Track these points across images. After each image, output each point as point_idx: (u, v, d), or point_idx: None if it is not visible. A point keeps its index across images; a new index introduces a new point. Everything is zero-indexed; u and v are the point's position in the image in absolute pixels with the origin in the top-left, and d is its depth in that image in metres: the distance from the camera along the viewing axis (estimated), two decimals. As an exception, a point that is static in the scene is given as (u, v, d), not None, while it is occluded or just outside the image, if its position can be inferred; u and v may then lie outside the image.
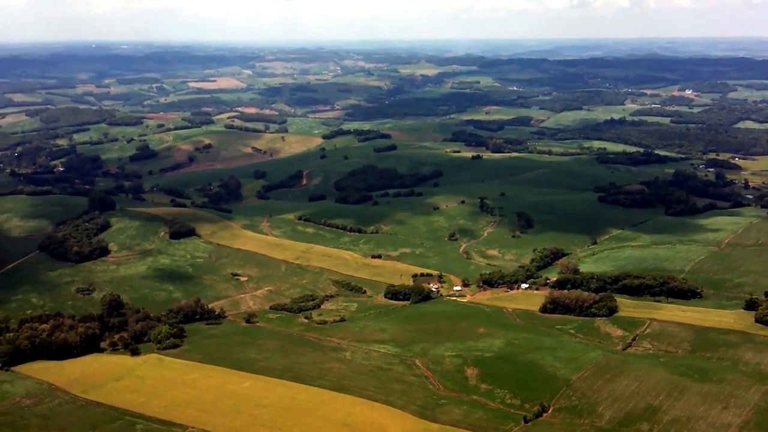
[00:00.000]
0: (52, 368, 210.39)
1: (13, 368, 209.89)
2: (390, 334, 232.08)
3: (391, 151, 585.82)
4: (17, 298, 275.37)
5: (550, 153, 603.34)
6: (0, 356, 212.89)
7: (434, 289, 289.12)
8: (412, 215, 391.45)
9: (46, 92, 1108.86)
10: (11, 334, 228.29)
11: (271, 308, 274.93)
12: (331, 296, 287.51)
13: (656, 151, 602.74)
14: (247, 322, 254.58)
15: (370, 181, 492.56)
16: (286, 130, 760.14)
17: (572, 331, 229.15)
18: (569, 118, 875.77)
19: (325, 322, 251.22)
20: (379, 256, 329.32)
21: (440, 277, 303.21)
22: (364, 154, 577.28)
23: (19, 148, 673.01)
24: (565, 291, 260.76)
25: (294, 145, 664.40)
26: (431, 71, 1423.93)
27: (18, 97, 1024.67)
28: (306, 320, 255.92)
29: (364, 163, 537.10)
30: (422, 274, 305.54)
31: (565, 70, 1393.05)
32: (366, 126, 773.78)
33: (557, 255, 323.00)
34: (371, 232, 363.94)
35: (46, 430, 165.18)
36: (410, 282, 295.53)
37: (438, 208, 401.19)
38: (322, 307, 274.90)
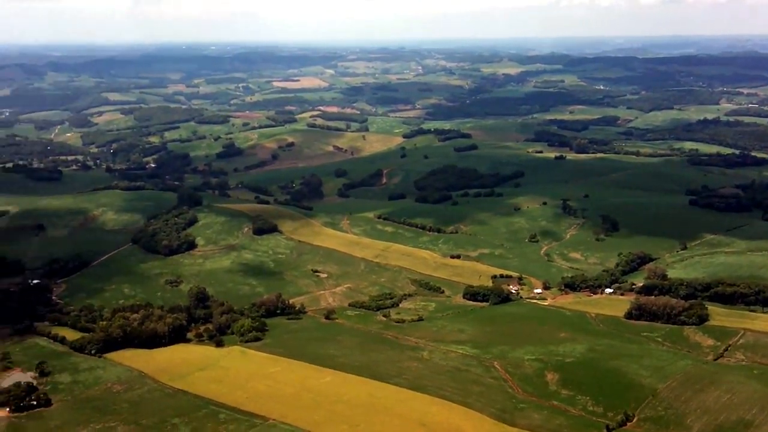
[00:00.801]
0: (142, 356, 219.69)
1: (105, 355, 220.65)
2: (468, 335, 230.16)
3: (471, 151, 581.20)
4: (111, 288, 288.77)
5: (637, 154, 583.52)
6: (94, 343, 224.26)
7: (514, 291, 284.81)
8: (492, 216, 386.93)
9: (140, 92, 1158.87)
10: (105, 323, 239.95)
11: (350, 305, 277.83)
12: (409, 295, 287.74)
13: (753, 153, 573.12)
14: (327, 318, 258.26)
15: (449, 181, 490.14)
16: (367, 129, 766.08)
17: (659, 339, 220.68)
18: (659, 118, 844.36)
19: (403, 321, 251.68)
20: (458, 257, 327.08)
21: (520, 279, 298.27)
22: (445, 154, 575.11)
23: (114, 145, 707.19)
24: (652, 297, 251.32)
25: (375, 144, 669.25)
26: (514, 70, 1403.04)
27: (114, 96, 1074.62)
28: (384, 318, 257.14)
29: (444, 163, 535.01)
30: (501, 276, 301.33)
31: (655, 69, 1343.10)
32: (446, 125, 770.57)
33: (644, 260, 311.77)
34: (450, 232, 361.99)
35: (136, 416, 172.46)
36: (489, 283, 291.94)
37: (519, 208, 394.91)
38: (400, 305, 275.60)
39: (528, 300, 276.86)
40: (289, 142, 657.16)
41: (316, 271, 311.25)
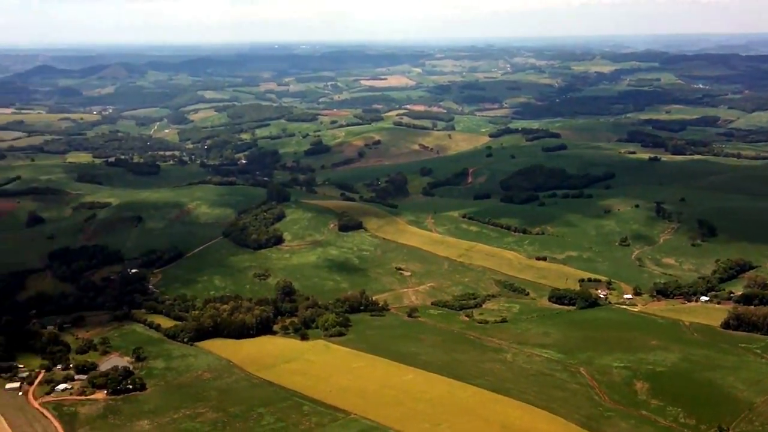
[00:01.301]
0: (230, 346, 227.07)
1: (196, 343, 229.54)
2: (553, 338, 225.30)
3: (560, 151, 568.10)
4: (203, 279, 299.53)
5: (738, 156, 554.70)
6: (187, 332, 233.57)
7: (602, 296, 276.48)
8: (581, 217, 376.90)
9: (233, 90, 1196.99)
10: (196, 312, 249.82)
11: (432, 304, 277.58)
12: (493, 296, 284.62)
13: None
14: (409, 316, 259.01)
15: (537, 181, 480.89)
16: (453, 128, 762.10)
17: (758, 351, 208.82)
18: (763, 118, 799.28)
19: (486, 322, 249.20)
20: (544, 258, 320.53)
21: (609, 283, 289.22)
22: (532, 154, 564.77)
23: (208, 142, 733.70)
24: (752, 307, 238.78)
25: (460, 143, 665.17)
26: (606, 68, 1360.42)
27: (209, 95, 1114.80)
28: (467, 318, 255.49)
29: (531, 163, 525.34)
30: (589, 279, 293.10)
31: (758, 67, 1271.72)
32: (535, 125, 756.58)
33: (743, 267, 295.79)
34: (536, 233, 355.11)
35: (223, 403, 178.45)
36: (576, 287, 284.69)
37: (609, 211, 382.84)
38: (483, 306, 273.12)
39: (617, 305, 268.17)
40: (375, 140, 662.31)
41: (400, 269, 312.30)
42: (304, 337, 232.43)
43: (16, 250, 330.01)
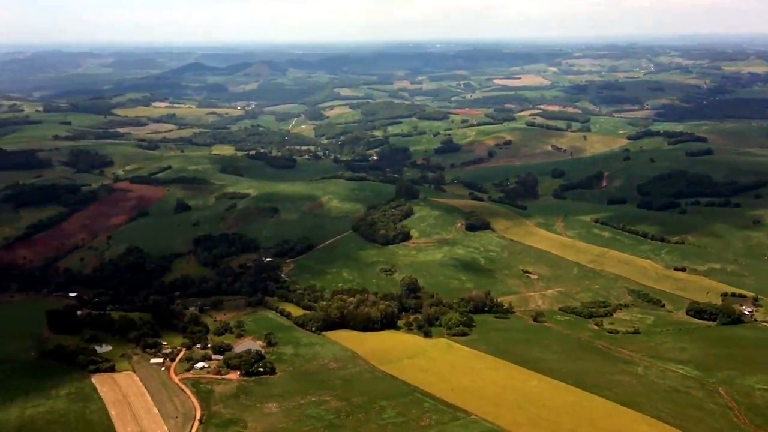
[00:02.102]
0: (355, 338, 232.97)
1: (323, 333, 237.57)
2: (690, 354, 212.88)
3: (705, 156, 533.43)
4: (332, 272, 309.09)
5: None
6: (315, 321, 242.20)
7: (747, 313, 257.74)
8: (726, 228, 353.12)
9: (368, 87, 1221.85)
10: (325, 303, 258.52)
11: (560, 309, 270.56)
12: (625, 305, 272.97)
13: None
14: (535, 320, 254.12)
15: (678, 187, 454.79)
16: (588, 129, 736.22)
17: None
18: None
19: (617, 332, 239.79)
20: (683, 269, 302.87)
21: (756, 299, 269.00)
22: (674, 158, 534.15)
23: (342, 138, 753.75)
24: None
25: (596, 144, 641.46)
26: (762, 68, 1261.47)
27: (344, 92, 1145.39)
28: (596, 327, 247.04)
29: (672, 168, 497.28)
30: (733, 294, 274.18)
31: None
32: (678, 127, 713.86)
33: None
34: (675, 242, 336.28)
35: (347, 393, 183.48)
36: (718, 301, 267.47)
37: (759, 222, 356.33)
38: (614, 315, 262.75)
39: (764, 324, 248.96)
40: (506, 140, 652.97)
41: (527, 272, 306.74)
42: (427, 335, 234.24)
43: (165, 235, 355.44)
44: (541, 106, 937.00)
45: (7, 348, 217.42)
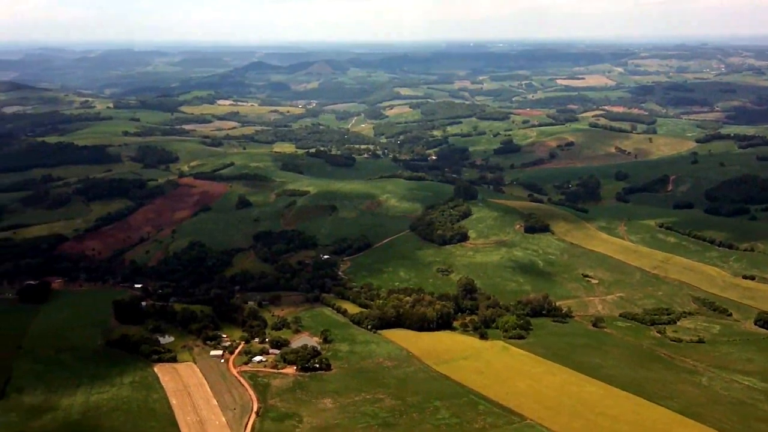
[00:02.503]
0: (411, 337, 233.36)
1: (379, 331, 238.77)
2: (758, 366, 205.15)
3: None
4: (389, 270, 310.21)
5: None
6: (371, 319, 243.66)
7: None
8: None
9: (428, 87, 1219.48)
10: (381, 301, 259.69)
11: (620, 315, 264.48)
12: (690, 313, 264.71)
13: None
14: (594, 325, 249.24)
15: (749, 193, 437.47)
16: (654, 131, 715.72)
17: None
18: None
19: (680, 341, 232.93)
20: (753, 278, 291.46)
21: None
22: (745, 162, 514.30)
23: (401, 137, 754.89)
24: None
25: (662, 147, 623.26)
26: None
27: (404, 91, 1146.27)
28: (658, 334, 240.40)
29: (743, 172, 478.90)
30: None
31: None
32: (750, 131, 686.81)
33: None
34: (745, 250, 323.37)
35: (401, 392, 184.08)
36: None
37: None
38: (677, 323, 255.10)
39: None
40: (568, 141, 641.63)
41: (587, 276, 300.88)
42: (483, 336, 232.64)
43: (227, 230, 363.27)
44: (605, 107, 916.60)
45: (76, 335, 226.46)
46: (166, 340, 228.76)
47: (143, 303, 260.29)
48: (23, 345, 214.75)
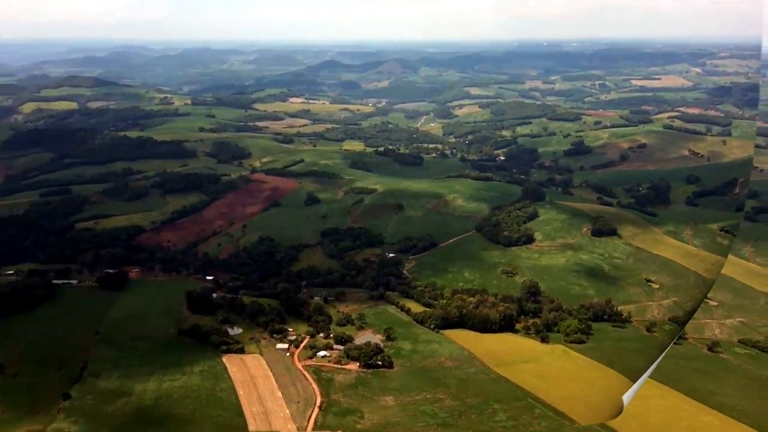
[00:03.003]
0: (472, 338, 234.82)
1: (442, 331, 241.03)
2: None
3: None
4: (453, 270, 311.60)
5: None
6: (434, 319, 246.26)
7: None
8: None
9: (498, 87, 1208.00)
10: (444, 301, 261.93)
11: (669, 320, 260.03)
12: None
13: None
14: (648, 330, 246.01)
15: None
16: (729, 134, 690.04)
17: None
18: None
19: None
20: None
21: None
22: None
23: (470, 137, 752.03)
24: None
25: (735, 150, 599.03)
26: None
27: (474, 91, 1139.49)
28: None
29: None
30: None
31: None
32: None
33: None
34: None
35: (461, 393, 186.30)
36: None
37: None
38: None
39: None
40: (640, 143, 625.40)
41: (649, 281, 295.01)
42: (544, 340, 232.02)
43: (295, 226, 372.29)
44: (681, 109, 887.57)
45: (150, 324, 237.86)
46: (235, 331, 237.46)
47: (214, 295, 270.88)
48: (101, 331, 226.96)
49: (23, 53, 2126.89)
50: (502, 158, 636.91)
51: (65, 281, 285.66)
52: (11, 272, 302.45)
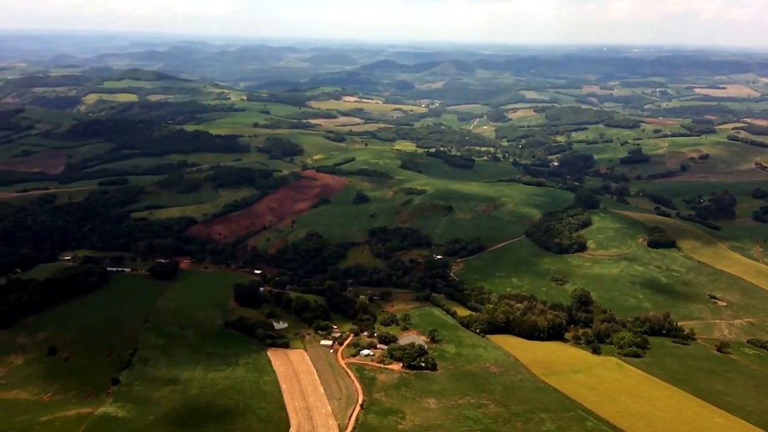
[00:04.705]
0: (519, 345, 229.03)
1: (487, 336, 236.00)
2: None
3: None
4: (501, 275, 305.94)
5: None
6: (479, 323, 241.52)
7: None
8: None
9: (554, 91, 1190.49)
10: (491, 306, 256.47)
11: (748, 342, 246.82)
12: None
13: None
14: (718, 350, 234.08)
15: None
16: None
17: None
18: None
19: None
20: None
21: None
22: None
23: (523, 141, 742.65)
24: None
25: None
26: None
27: (530, 94, 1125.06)
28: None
29: None
30: None
31: None
32: None
33: None
34: None
35: (506, 400, 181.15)
36: None
37: None
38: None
39: None
40: (703, 153, 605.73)
41: (714, 298, 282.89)
42: (595, 351, 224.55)
43: (344, 224, 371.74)
44: (747, 120, 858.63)
45: (198, 314, 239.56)
46: (280, 326, 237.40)
47: (261, 288, 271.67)
48: (150, 319, 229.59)
49: (87, 45, 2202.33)
50: (556, 164, 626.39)
51: (119, 269, 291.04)
52: (68, 258, 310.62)
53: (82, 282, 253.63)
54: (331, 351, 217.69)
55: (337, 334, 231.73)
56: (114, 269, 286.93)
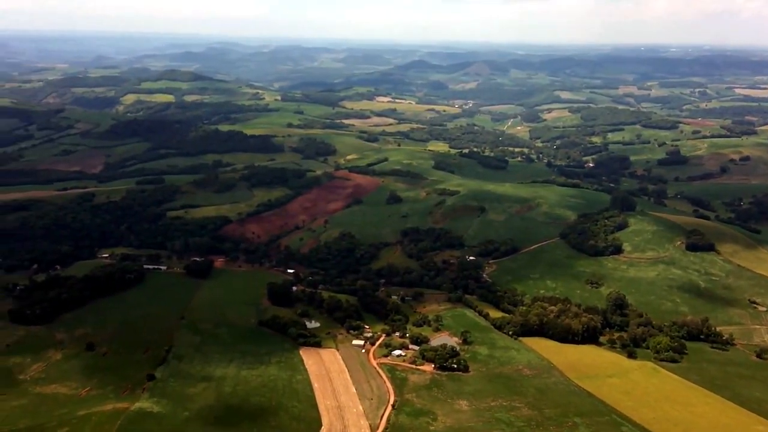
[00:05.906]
0: (552, 348, 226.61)
1: (520, 338, 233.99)
2: None
3: None
4: (534, 277, 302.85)
5: None
6: (512, 325, 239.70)
7: None
8: None
9: (590, 91, 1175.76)
10: (524, 308, 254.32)
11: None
12: None
13: None
14: (758, 356, 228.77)
15: None
16: None
17: None
18: None
19: None
20: None
21: None
22: None
23: (557, 142, 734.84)
24: None
25: None
26: None
27: (564, 95, 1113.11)
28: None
29: None
30: None
31: None
32: None
33: None
34: None
35: (539, 403, 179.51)
36: None
37: None
38: None
39: None
40: (743, 155, 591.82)
41: (754, 302, 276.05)
42: (631, 355, 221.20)
43: (376, 224, 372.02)
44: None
45: (232, 312, 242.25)
46: (312, 325, 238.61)
47: (294, 288, 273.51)
48: (185, 316, 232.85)
49: (125, 46, 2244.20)
50: (591, 165, 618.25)
51: (155, 266, 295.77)
52: (106, 255, 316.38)
53: (120, 279, 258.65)
54: (363, 351, 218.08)
55: (369, 334, 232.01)
56: (150, 267, 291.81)
